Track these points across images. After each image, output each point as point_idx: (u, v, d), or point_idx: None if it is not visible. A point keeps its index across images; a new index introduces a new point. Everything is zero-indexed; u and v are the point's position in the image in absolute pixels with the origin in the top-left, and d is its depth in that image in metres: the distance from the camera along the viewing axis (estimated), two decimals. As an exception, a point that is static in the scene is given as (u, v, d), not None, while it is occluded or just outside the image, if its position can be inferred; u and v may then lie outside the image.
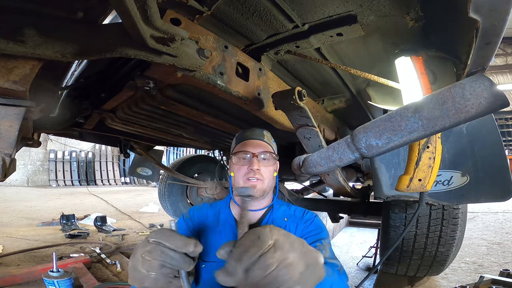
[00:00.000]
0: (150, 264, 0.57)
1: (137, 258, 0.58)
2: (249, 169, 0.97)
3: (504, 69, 10.90)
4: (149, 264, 0.57)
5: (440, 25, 1.03)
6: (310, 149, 1.09)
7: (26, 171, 10.19)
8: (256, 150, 1.00)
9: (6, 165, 0.70)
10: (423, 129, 0.43)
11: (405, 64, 1.11)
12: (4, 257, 2.53)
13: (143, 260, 0.58)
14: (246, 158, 1.00)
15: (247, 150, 1.00)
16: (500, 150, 1.24)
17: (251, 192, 0.89)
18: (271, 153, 1.02)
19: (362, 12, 1.01)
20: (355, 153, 0.68)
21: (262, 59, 1.27)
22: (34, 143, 1.48)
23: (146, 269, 0.57)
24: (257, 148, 1.00)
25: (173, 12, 0.87)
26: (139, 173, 3.62)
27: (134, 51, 0.74)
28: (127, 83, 1.26)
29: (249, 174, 0.97)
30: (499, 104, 0.38)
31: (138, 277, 0.58)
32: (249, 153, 0.99)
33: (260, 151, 1.00)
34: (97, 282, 1.91)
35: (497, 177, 1.23)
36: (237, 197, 1.02)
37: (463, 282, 2.11)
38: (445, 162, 1.26)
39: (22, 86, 0.69)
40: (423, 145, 0.82)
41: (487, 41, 0.83)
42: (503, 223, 4.23)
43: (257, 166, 0.97)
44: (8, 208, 5.22)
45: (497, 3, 0.71)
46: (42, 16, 0.66)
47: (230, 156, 1.06)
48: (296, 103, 0.97)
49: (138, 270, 0.58)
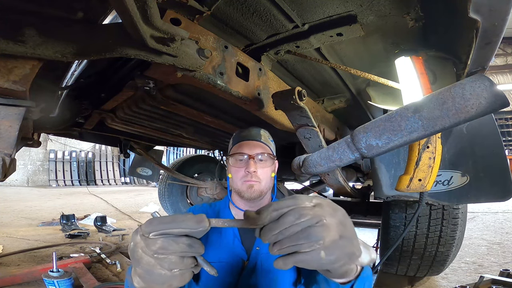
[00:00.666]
0: (170, 261, 0.48)
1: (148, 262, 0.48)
2: (246, 171, 0.96)
3: (504, 69, 10.89)
4: (169, 261, 0.48)
5: (440, 25, 1.03)
6: (310, 149, 1.09)
7: (26, 171, 10.19)
8: (253, 151, 0.98)
9: (6, 165, 0.70)
10: (423, 129, 0.43)
11: (405, 64, 1.11)
12: (4, 257, 2.53)
13: (159, 261, 0.48)
14: (243, 160, 0.98)
15: (243, 152, 0.99)
16: (500, 150, 1.24)
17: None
18: (268, 154, 1.01)
19: (362, 12, 1.01)
20: (355, 153, 0.68)
21: (262, 59, 1.27)
22: (34, 143, 1.48)
23: (168, 267, 0.48)
24: (254, 150, 0.99)
25: (173, 12, 0.87)
26: (139, 173, 3.63)
27: (134, 51, 0.74)
28: (127, 83, 1.26)
29: (247, 176, 0.96)
30: (499, 104, 0.38)
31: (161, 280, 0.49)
32: (246, 155, 0.98)
33: (256, 152, 0.98)
34: (97, 282, 1.91)
35: (497, 177, 1.23)
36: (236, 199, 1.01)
37: (463, 282, 2.11)
38: (445, 162, 1.26)
39: (22, 86, 0.69)
40: (423, 145, 0.82)
41: (487, 41, 0.83)
42: (503, 223, 4.23)
43: (253, 168, 0.95)
44: (8, 208, 5.22)
45: (497, 3, 0.71)
46: (42, 16, 0.66)
47: (227, 157, 1.05)
48: (296, 103, 0.97)
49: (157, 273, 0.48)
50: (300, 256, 0.44)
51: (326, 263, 0.43)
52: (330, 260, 0.43)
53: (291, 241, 0.44)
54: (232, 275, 0.94)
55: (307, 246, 0.43)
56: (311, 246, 0.43)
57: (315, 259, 0.43)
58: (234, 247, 0.96)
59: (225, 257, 0.95)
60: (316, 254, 0.43)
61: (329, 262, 0.43)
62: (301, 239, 0.43)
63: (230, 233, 0.98)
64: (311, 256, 0.43)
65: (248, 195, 0.96)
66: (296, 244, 0.43)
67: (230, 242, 0.97)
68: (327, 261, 0.43)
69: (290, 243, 0.44)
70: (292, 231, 0.44)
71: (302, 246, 0.43)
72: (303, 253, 0.43)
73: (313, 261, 0.43)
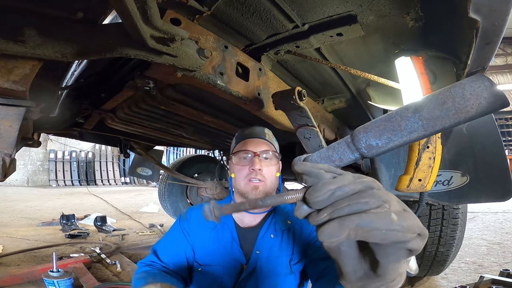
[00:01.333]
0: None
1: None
2: (250, 169, 0.92)
3: (504, 69, 10.90)
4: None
5: (440, 25, 1.02)
6: (310, 149, 1.09)
7: (26, 171, 10.19)
8: (258, 149, 0.96)
9: (6, 165, 0.70)
10: (423, 129, 0.43)
11: (405, 64, 1.11)
12: (4, 257, 2.53)
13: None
14: (247, 158, 0.95)
15: (248, 149, 0.96)
16: (500, 150, 1.24)
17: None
18: (273, 152, 0.98)
19: (362, 12, 1.01)
20: (355, 153, 0.67)
21: (262, 59, 1.27)
22: (34, 143, 1.48)
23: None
24: (259, 147, 0.96)
25: (173, 12, 0.87)
26: (139, 173, 3.63)
27: (134, 51, 0.74)
28: (127, 83, 1.26)
29: (251, 174, 0.92)
30: (499, 104, 0.38)
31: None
32: (250, 153, 0.95)
33: (262, 150, 0.96)
34: (97, 282, 1.91)
35: (497, 177, 1.23)
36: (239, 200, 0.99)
37: (463, 282, 2.11)
38: (445, 162, 1.26)
39: (22, 86, 0.69)
40: (423, 145, 0.82)
41: (487, 41, 0.83)
42: (503, 223, 4.23)
43: (259, 166, 0.92)
44: (8, 208, 5.22)
45: (497, 3, 0.71)
46: (42, 16, 0.65)
47: (230, 156, 1.03)
48: (296, 103, 0.97)
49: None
50: (365, 216, 0.32)
51: (398, 230, 0.31)
52: (402, 227, 0.31)
53: (350, 199, 0.33)
54: (230, 279, 0.92)
55: (373, 203, 0.32)
56: (377, 203, 0.32)
57: (385, 222, 0.31)
58: (233, 250, 0.94)
59: (223, 261, 0.93)
60: (386, 215, 0.32)
61: (401, 229, 0.31)
62: (364, 197, 0.33)
63: (229, 236, 0.96)
64: (379, 217, 0.32)
65: (252, 196, 0.92)
66: (358, 202, 0.32)
67: (228, 245, 0.95)
68: (399, 227, 0.31)
69: (350, 201, 0.33)
70: (352, 188, 0.33)
71: (368, 203, 0.32)
72: (368, 213, 0.32)
73: (382, 224, 0.31)
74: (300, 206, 0.36)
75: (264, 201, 0.37)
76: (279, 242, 0.95)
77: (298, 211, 0.36)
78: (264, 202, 0.37)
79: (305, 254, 0.95)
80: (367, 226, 0.31)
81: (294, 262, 0.94)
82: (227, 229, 0.98)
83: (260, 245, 0.94)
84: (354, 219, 0.32)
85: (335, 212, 0.33)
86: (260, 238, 0.95)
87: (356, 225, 0.31)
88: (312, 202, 0.34)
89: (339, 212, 0.33)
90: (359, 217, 0.32)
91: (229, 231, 0.97)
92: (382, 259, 0.35)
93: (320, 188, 0.34)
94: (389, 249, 0.34)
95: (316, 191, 0.34)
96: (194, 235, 1.00)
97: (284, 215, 1.00)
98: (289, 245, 0.95)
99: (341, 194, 0.33)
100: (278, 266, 0.92)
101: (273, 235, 0.96)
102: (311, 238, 0.96)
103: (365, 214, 0.32)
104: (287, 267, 0.93)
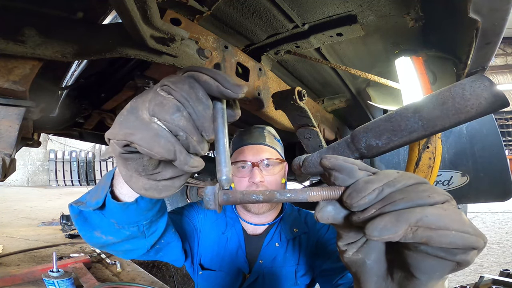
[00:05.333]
0: (167, 103, 0.32)
1: (146, 97, 0.33)
2: (250, 182, 0.84)
3: (504, 69, 10.90)
4: (162, 104, 0.32)
5: (440, 25, 1.02)
6: (310, 149, 1.09)
7: (26, 171, 10.19)
8: (257, 158, 0.87)
9: (6, 165, 0.70)
10: (423, 129, 0.43)
11: (405, 64, 1.11)
12: (4, 257, 2.52)
13: (154, 97, 0.32)
14: (246, 168, 0.87)
15: (246, 159, 0.88)
16: (500, 150, 1.24)
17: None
18: (276, 158, 0.90)
19: (362, 12, 1.01)
20: (355, 153, 0.67)
21: (262, 59, 1.27)
22: (34, 143, 1.48)
23: (152, 112, 0.32)
24: (258, 155, 0.88)
25: (173, 12, 0.87)
26: (139, 173, 3.62)
27: (134, 51, 0.74)
28: (127, 83, 1.26)
29: (251, 187, 0.84)
30: (499, 104, 0.38)
31: (129, 125, 0.33)
32: (249, 163, 0.87)
33: (262, 158, 0.87)
34: (97, 282, 1.91)
35: (497, 177, 1.23)
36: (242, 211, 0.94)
37: (463, 282, 2.11)
38: (445, 162, 1.26)
39: (22, 86, 0.69)
40: (423, 145, 0.82)
41: (487, 41, 0.83)
42: (503, 223, 4.23)
43: (259, 178, 0.83)
44: (8, 208, 5.22)
45: (497, 3, 0.71)
46: (42, 16, 0.66)
47: None
48: (296, 103, 0.97)
49: (136, 115, 0.33)
50: (431, 211, 0.26)
51: (471, 233, 0.27)
52: (475, 230, 0.27)
53: (404, 192, 0.28)
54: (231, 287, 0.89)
55: (438, 198, 0.28)
56: (443, 198, 0.28)
57: (457, 220, 0.26)
58: (238, 258, 0.90)
59: (226, 267, 0.90)
60: (457, 213, 0.27)
61: (474, 233, 0.27)
62: (425, 190, 0.28)
63: (236, 241, 0.92)
64: (449, 213, 0.27)
65: (255, 210, 0.87)
66: (417, 195, 0.28)
67: (234, 252, 0.91)
68: (471, 230, 0.27)
69: (405, 194, 0.28)
70: (404, 183, 0.29)
71: (432, 197, 0.28)
72: (435, 207, 0.27)
73: (452, 223, 0.26)
74: (323, 207, 0.31)
75: (283, 194, 0.32)
76: (284, 251, 0.91)
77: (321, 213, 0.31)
78: (283, 195, 0.32)
79: (312, 266, 0.90)
80: (433, 223, 0.26)
81: (300, 274, 0.89)
82: (235, 235, 0.93)
83: (264, 254, 0.90)
84: (416, 212, 0.26)
85: (387, 206, 0.27)
86: (264, 247, 0.91)
87: (418, 221, 0.26)
88: (357, 204, 0.29)
89: (394, 206, 0.27)
90: (422, 211, 0.26)
91: (236, 236, 0.93)
92: (422, 276, 0.30)
93: (363, 187, 0.29)
94: (434, 262, 0.28)
95: (359, 191, 0.29)
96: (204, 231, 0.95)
97: (291, 223, 0.94)
98: (295, 255, 0.91)
99: (393, 191, 0.28)
100: (282, 277, 0.87)
101: (278, 244, 0.92)
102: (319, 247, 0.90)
103: (431, 208, 0.27)
104: (292, 278, 0.88)
